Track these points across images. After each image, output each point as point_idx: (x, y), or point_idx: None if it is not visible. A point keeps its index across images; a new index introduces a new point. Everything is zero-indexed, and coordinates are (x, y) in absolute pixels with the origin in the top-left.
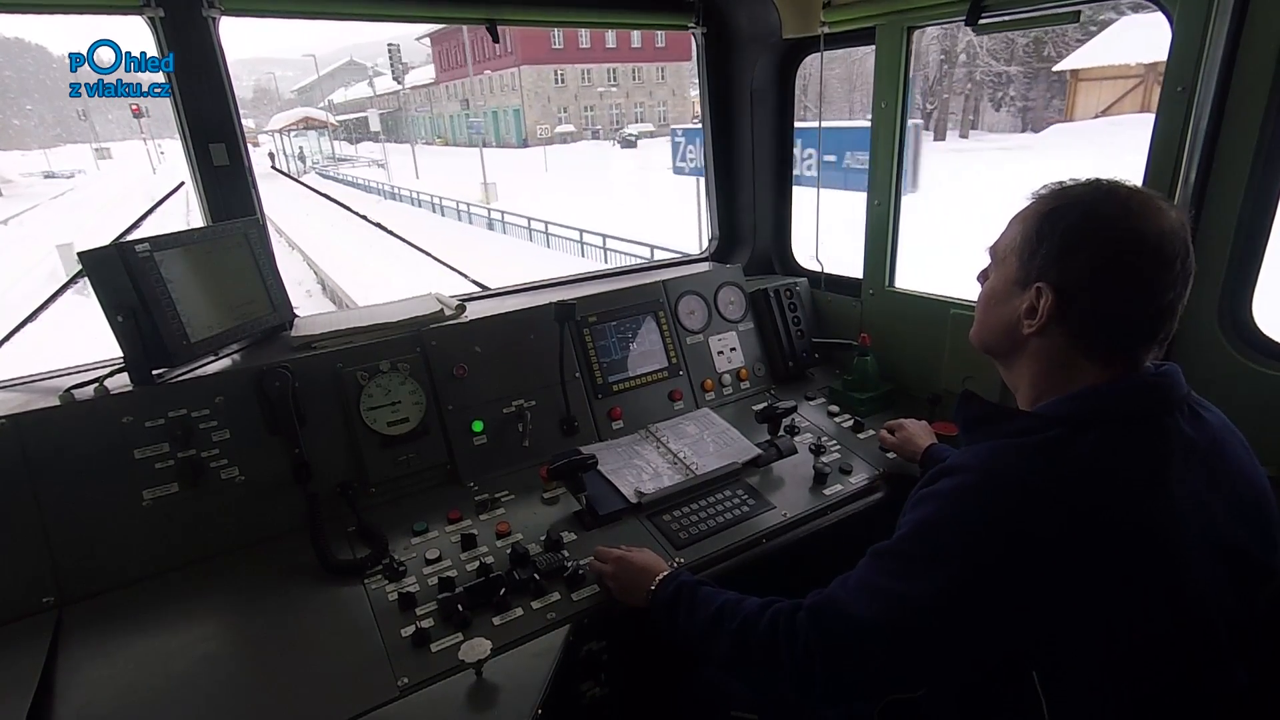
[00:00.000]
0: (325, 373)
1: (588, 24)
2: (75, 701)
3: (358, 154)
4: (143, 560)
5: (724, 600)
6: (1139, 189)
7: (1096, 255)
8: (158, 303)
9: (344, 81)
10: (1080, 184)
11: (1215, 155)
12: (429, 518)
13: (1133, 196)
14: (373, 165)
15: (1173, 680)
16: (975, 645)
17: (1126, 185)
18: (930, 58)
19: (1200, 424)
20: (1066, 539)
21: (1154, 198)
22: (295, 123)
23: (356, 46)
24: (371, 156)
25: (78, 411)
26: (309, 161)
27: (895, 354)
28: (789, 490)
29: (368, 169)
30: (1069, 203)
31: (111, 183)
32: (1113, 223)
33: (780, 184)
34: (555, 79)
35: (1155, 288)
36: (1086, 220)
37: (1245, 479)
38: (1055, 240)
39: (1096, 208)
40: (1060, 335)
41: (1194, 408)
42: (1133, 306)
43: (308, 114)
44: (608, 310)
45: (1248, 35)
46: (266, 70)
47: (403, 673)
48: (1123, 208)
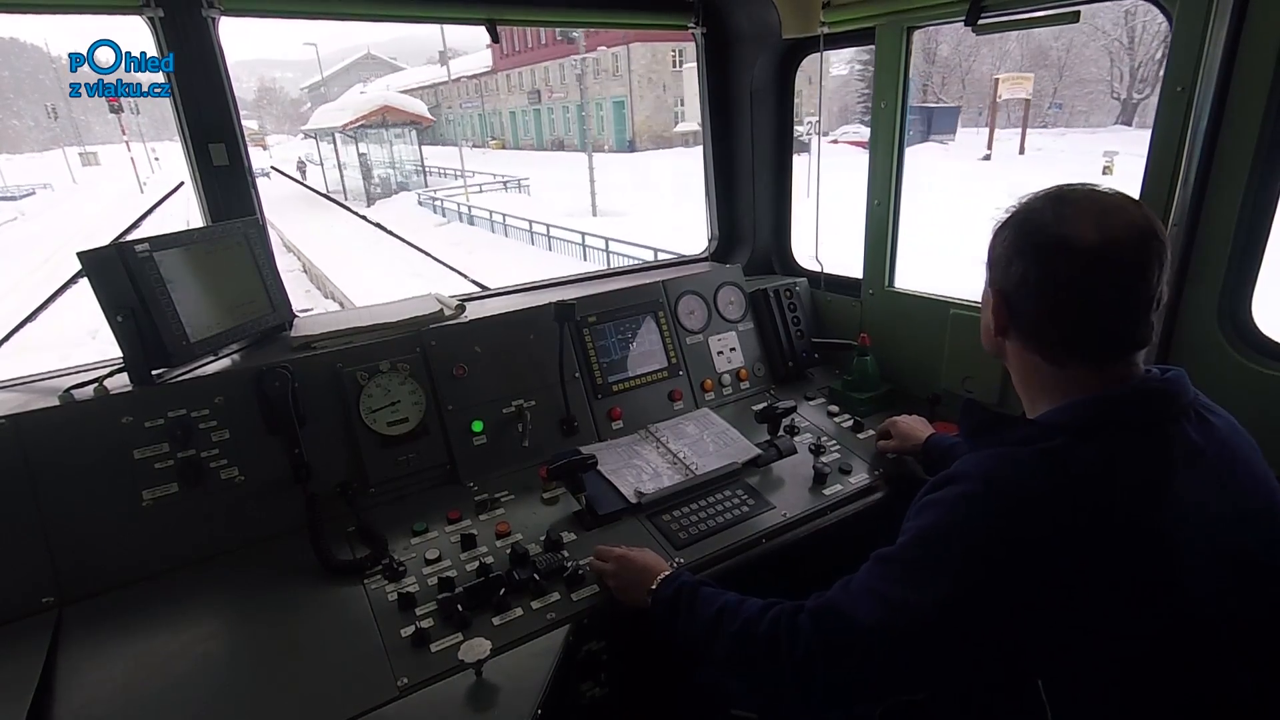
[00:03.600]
0: (325, 373)
1: (588, 24)
2: (75, 701)
3: (447, 167)
4: (143, 560)
5: (725, 601)
6: (1094, 193)
7: (1026, 260)
8: (157, 303)
9: (360, 77)
10: (1045, 192)
11: (1215, 155)
12: (429, 518)
13: (1080, 203)
14: (498, 185)
15: (1176, 686)
16: (976, 652)
17: (1080, 191)
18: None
19: (1208, 429)
20: (1068, 547)
21: (1114, 204)
22: (369, 115)
23: (376, 44)
24: (483, 169)
25: (77, 412)
26: (393, 175)
27: (895, 354)
28: (789, 490)
29: (485, 194)
30: (1017, 212)
31: (81, 203)
32: (1041, 229)
33: (780, 184)
34: (674, 61)
35: (1092, 291)
36: (1019, 229)
37: (1254, 484)
38: (999, 248)
39: (1035, 215)
40: (1018, 340)
41: (1201, 412)
42: (1069, 311)
43: (388, 102)
44: (607, 310)
45: (1247, 35)
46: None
47: (402, 673)
48: (1057, 214)
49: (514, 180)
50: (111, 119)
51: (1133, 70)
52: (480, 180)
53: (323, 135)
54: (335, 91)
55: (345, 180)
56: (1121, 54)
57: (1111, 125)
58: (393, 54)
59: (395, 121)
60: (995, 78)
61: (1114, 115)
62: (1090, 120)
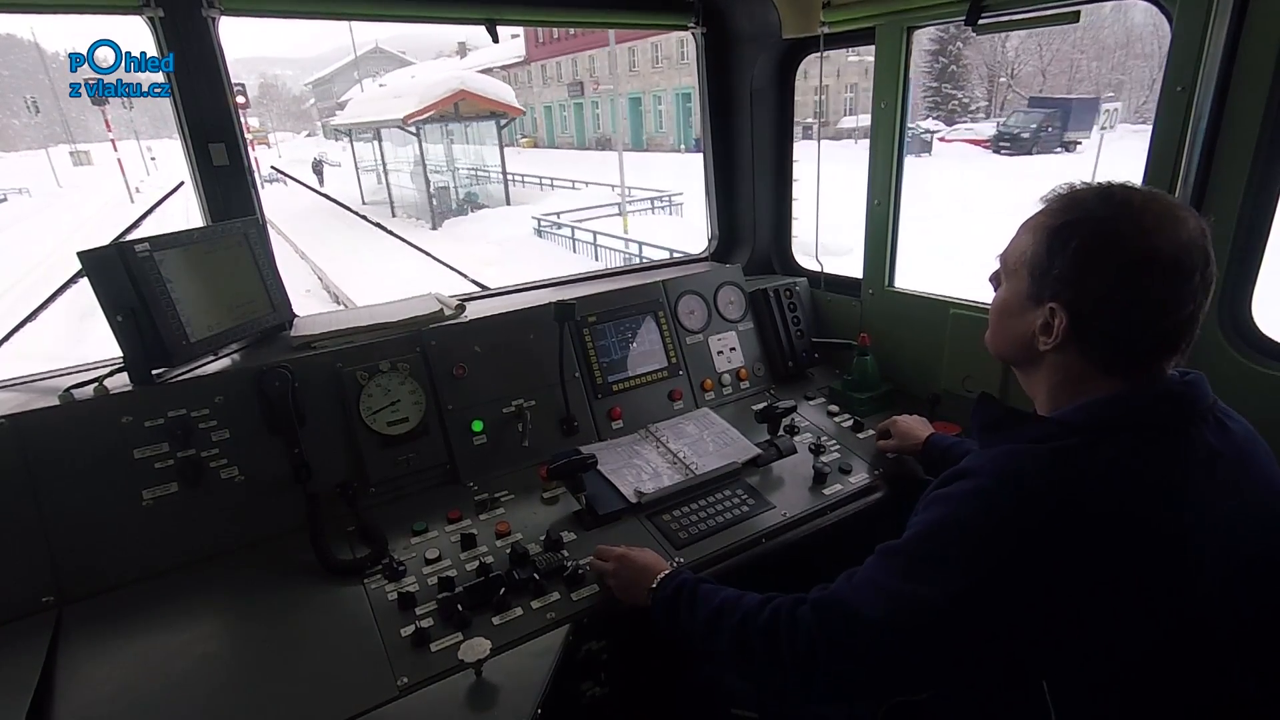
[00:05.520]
0: (325, 373)
1: (588, 24)
2: (75, 701)
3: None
4: (143, 560)
5: (724, 596)
6: (1154, 196)
7: (1111, 277)
8: (157, 302)
9: (370, 72)
10: (1091, 190)
11: (1215, 155)
12: (429, 518)
13: (1147, 209)
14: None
15: (1181, 689)
16: (980, 649)
17: (1140, 194)
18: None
19: (1225, 434)
20: (1077, 546)
21: (1171, 206)
22: (439, 104)
23: (384, 39)
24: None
25: (77, 411)
26: (452, 183)
27: (895, 354)
28: (789, 490)
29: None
30: (1080, 217)
31: (59, 214)
32: (1127, 242)
33: (780, 184)
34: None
35: (1173, 304)
36: (1099, 240)
37: (1271, 489)
38: (1067, 259)
39: (1110, 225)
40: (1076, 353)
41: (1220, 417)
42: (1150, 325)
43: (465, 86)
44: (607, 310)
45: (1247, 35)
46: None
47: (402, 672)
48: (1136, 225)
49: (662, 195)
50: (109, 115)
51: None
52: (593, 194)
53: (359, 132)
54: (340, 88)
55: (391, 189)
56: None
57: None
58: (401, 48)
59: (467, 114)
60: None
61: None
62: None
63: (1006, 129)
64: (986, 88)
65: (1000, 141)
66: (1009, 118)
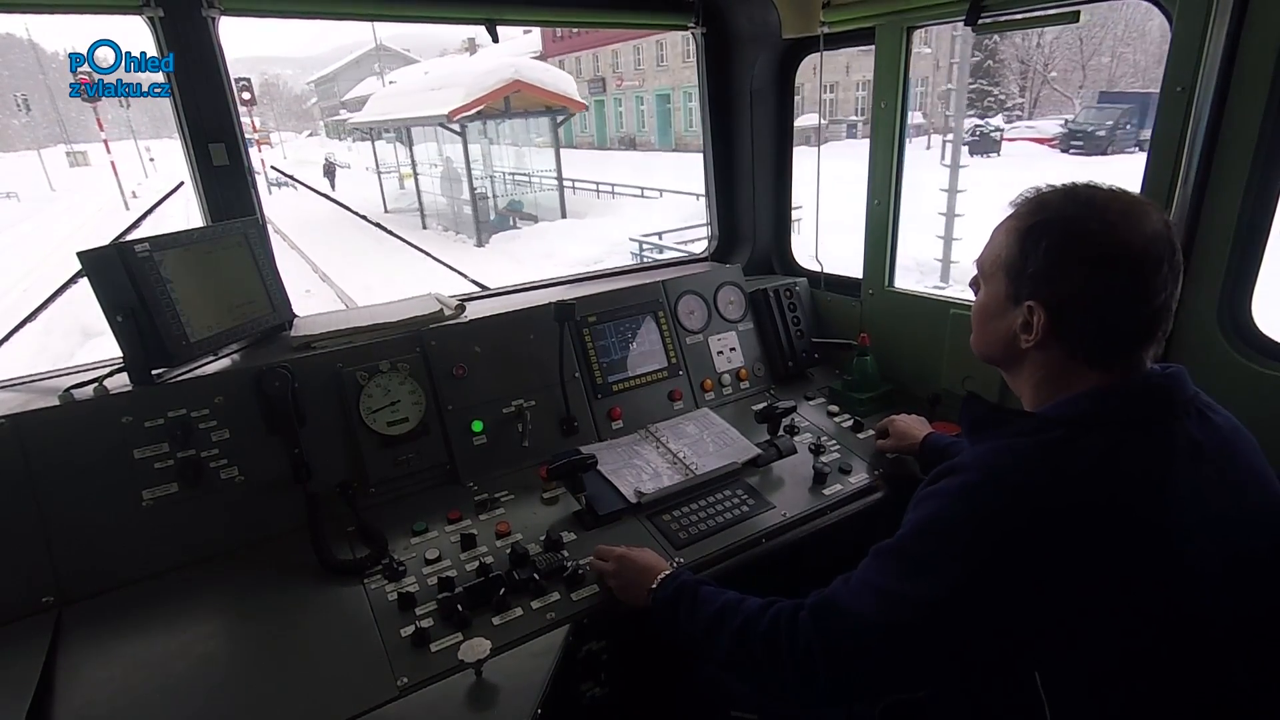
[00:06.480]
0: (325, 373)
1: (588, 24)
2: (75, 701)
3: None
4: (143, 560)
5: (725, 600)
6: (1117, 193)
7: (1084, 272)
8: (157, 303)
9: (374, 70)
10: (1057, 192)
11: (1215, 155)
12: (429, 518)
13: (1111, 205)
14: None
15: (1173, 681)
16: (976, 644)
17: (1104, 192)
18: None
19: (1209, 426)
20: (1066, 538)
21: (1135, 202)
22: (491, 96)
23: (387, 36)
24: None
25: (77, 411)
26: (490, 190)
27: (895, 354)
28: (788, 490)
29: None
30: (1049, 217)
31: (48, 222)
32: (1096, 238)
33: (780, 184)
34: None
35: (1145, 294)
36: (1069, 238)
37: (1255, 481)
38: (1040, 258)
39: (1078, 223)
40: (1058, 348)
41: (1202, 410)
42: (1126, 316)
43: (521, 76)
44: (607, 310)
45: (1247, 35)
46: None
47: (402, 673)
48: (1103, 221)
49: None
50: (111, 116)
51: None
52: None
53: (382, 130)
54: (343, 86)
55: (422, 196)
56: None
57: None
58: (405, 46)
59: (518, 108)
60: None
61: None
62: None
63: (1078, 126)
64: (1020, 83)
65: (1071, 140)
66: (1079, 114)
